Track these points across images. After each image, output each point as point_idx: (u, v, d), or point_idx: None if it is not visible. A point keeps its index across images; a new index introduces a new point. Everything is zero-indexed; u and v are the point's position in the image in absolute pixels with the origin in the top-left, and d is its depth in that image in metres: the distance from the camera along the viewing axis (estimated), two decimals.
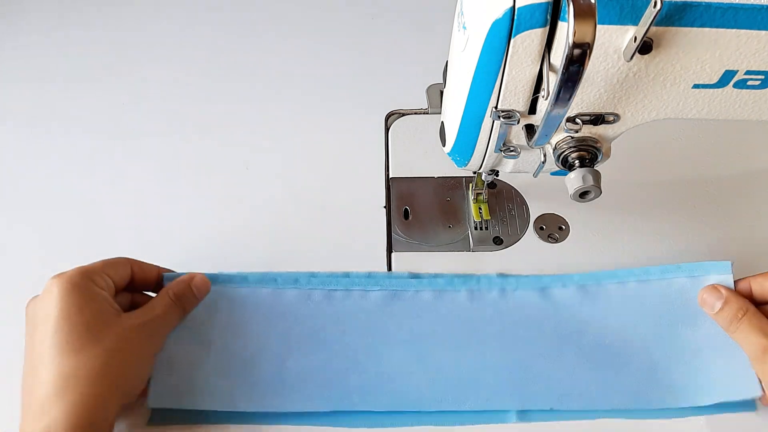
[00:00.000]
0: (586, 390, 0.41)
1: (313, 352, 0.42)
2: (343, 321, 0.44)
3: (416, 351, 0.43)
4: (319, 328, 0.43)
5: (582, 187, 0.36)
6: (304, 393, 0.41)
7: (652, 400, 0.40)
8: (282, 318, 0.44)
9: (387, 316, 0.44)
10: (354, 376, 0.42)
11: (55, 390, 0.34)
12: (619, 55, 0.31)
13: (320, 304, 0.44)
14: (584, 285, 0.45)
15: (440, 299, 0.45)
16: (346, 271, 0.46)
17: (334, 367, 0.42)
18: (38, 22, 0.66)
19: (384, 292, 0.45)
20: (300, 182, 0.53)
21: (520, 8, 0.29)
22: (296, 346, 0.43)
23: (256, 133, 0.56)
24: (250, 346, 0.42)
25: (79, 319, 0.36)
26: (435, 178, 0.53)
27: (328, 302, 0.44)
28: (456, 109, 0.37)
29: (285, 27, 0.65)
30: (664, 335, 0.42)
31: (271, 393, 0.41)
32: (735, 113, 0.34)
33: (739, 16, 0.29)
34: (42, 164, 0.54)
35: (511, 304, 0.44)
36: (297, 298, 0.45)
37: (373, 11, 0.66)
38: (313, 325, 0.43)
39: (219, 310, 0.44)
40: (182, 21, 0.66)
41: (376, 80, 0.60)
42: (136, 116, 0.58)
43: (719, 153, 0.54)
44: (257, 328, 0.43)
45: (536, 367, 0.42)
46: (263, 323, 0.43)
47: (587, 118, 0.35)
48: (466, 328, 0.44)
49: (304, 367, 0.42)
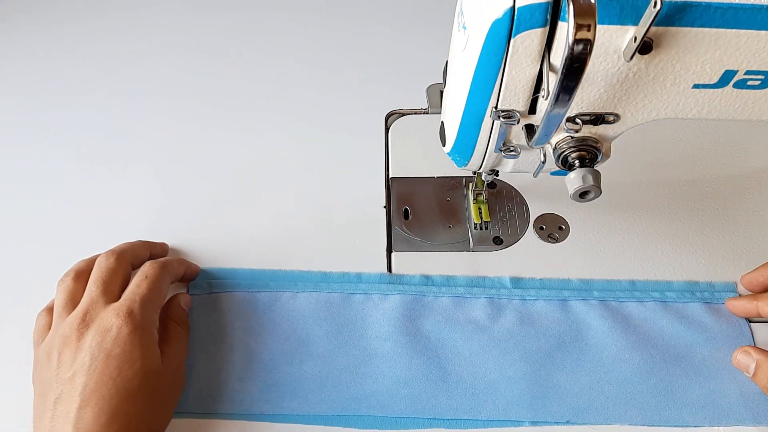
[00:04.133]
0: (603, 405, 0.41)
1: (331, 355, 0.43)
2: (362, 325, 0.44)
3: (435, 358, 0.43)
4: (336, 331, 0.44)
5: (582, 187, 0.36)
6: (321, 396, 0.41)
7: (670, 418, 0.41)
8: (301, 321, 0.44)
9: (406, 320, 0.44)
10: (370, 380, 0.42)
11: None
12: (619, 55, 0.31)
13: (339, 307, 0.45)
14: (605, 300, 0.45)
15: (460, 306, 0.45)
16: (358, 272, 0.47)
17: (352, 370, 0.42)
18: (37, 23, 0.66)
19: (404, 297, 0.45)
20: (300, 182, 0.53)
21: (520, 8, 0.29)
22: (314, 349, 0.43)
23: (256, 133, 0.56)
24: (270, 350, 0.43)
25: (151, 370, 0.38)
26: (435, 178, 0.53)
27: (348, 306, 0.45)
28: (456, 109, 0.37)
29: (285, 27, 0.65)
30: (682, 354, 0.43)
31: (289, 395, 0.41)
32: (735, 113, 0.34)
33: (739, 16, 0.29)
34: (42, 164, 0.54)
35: (532, 315, 0.45)
36: (316, 301, 0.45)
37: (373, 11, 0.66)
38: (330, 328, 0.44)
39: (240, 315, 0.44)
40: (182, 21, 0.66)
41: (376, 80, 0.60)
42: (135, 116, 0.58)
43: (719, 153, 0.54)
44: (277, 331, 0.44)
45: (554, 380, 0.42)
46: (283, 326, 0.44)
47: (587, 118, 0.35)
48: (485, 338, 0.44)
49: (322, 371, 0.42)
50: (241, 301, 0.45)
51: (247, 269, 0.47)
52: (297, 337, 0.44)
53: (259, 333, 0.44)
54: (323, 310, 0.45)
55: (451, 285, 0.46)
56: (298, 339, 0.43)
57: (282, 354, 0.43)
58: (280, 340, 0.43)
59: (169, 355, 0.40)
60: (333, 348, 0.43)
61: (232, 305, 0.45)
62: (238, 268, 0.47)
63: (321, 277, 0.47)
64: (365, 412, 0.41)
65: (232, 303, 0.45)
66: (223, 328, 0.44)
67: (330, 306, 0.45)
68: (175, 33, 0.65)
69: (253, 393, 0.41)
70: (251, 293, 0.45)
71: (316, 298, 0.45)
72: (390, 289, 0.46)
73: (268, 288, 0.46)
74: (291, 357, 0.43)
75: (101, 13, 0.67)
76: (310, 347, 0.43)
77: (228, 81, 0.60)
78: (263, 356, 0.43)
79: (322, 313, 0.45)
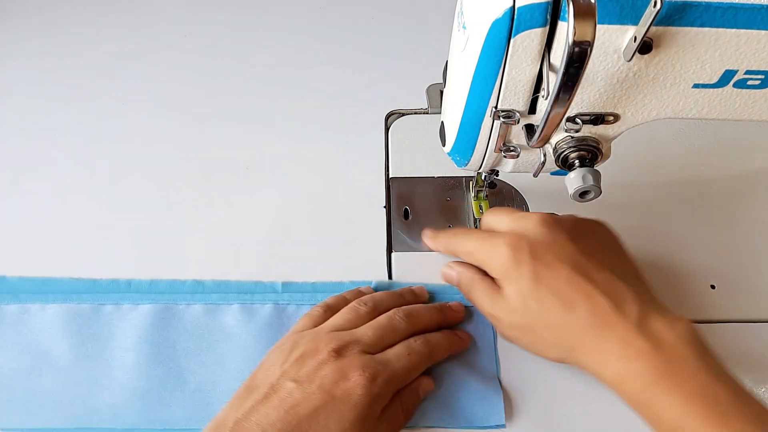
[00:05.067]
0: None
1: (72, 368, 0.42)
2: (108, 336, 0.43)
3: (176, 368, 0.42)
4: (80, 343, 0.43)
5: (582, 187, 0.36)
6: (56, 410, 0.41)
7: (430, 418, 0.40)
8: (47, 334, 0.43)
9: (153, 329, 0.43)
10: (107, 392, 0.41)
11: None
12: (619, 55, 0.31)
13: (87, 318, 0.44)
14: None
15: (211, 314, 0.45)
16: (152, 279, 0.46)
17: (90, 382, 0.42)
18: (37, 21, 0.66)
19: (154, 306, 0.45)
20: (300, 182, 0.53)
21: (520, 8, 0.29)
22: (56, 362, 0.42)
23: (255, 133, 0.56)
24: (8, 364, 0.42)
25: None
26: (435, 178, 0.53)
27: (96, 317, 0.44)
28: (456, 109, 0.37)
29: (285, 26, 0.65)
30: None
31: (22, 410, 0.41)
32: (735, 113, 0.34)
33: (739, 16, 0.29)
34: (41, 164, 0.54)
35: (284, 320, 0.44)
36: (65, 312, 0.44)
37: (373, 11, 0.66)
38: (74, 341, 0.43)
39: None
40: (182, 21, 0.66)
41: (376, 80, 0.60)
42: (135, 116, 0.58)
43: (719, 153, 0.54)
44: (19, 345, 0.43)
45: None
46: (28, 339, 0.43)
47: (587, 118, 0.35)
48: (231, 345, 0.43)
49: (59, 384, 0.42)
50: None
51: (16, 277, 0.46)
52: (39, 350, 0.43)
53: (1, 347, 0.43)
54: (72, 322, 0.44)
55: (203, 292, 0.46)
56: (40, 352, 0.43)
57: (21, 369, 0.42)
58: (22, 354, 0.42)
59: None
60: (75, 360, 0.42)
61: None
62: (8, 276, 0.46)
63: (75, 286, 0.45)
64: (97, 424, 0.40)
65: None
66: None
67: (78, 318, 0.44)
68: (175, 33, 0.65)
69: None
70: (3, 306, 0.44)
71: (66, 309, 0.44)
72: (141, 298, 0.45)
73: (18, 300, 0.45)
74: (30, 371, 0.42)
75: (101, 13, 0.67)
76: (51, 360, 0.42)
77: (228, 81, 0.60)
78: (2, 370, 0.42)
79: (71, 325, 0.44)
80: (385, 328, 0.40)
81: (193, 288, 0.46)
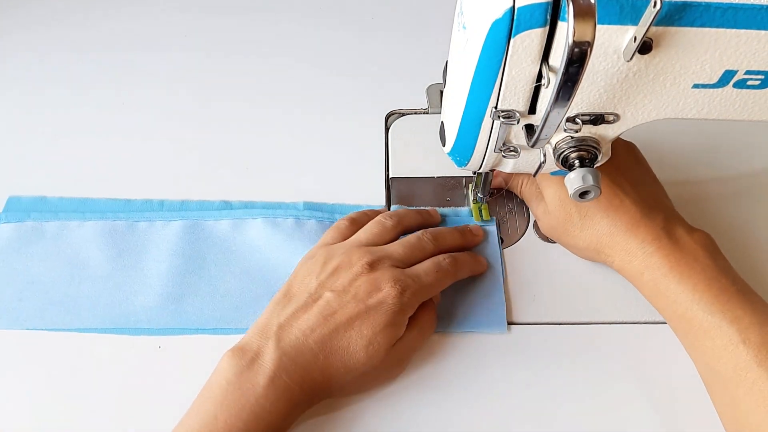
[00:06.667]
0: None
1: (109, 276, 0.46)
2: (142, 250, 0.47)
3: (206, 277, 0.46)
4: (117, 255, 0.47)
5: (582, 187, 0.36)
6: (94, 312, 0.44)
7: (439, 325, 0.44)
8: (84, 247, 0.47)
9: (185, 243, 0.47)
10: (141, 297, 0.45)
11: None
12: (619, 55, 0.31)
13: (123, 234, 0.48)
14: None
15: (238, 228, 0.48)
16: (161, 200, 0.51)
17: (125, 289, 0.46)
18: (36, 21, 0.66)
19: (184, 222, 0.49)
20: (300, 182, 0.53)
21: (519, 8, 0.29)
22: (93, 272, 0.46)
23: (255, 133, 0.56)
24: (51, 273, 0.46)
25: (369, 363, 0.39)
26: (435, 178, 0.53)
27: (131, 232, 0.48)
28: (456, 109, 0.37)
29: (285, 27, 0.65)
30: None
31: (63, 313, 0.44)
32: (735, 113, 0.34)
33: (739, 16, 0.29)
34: (41, 164, 0.54)
35: (308, 233, 0.48)
36: (102, 228, 0.48)
37: (373, 11, 0.66)
38: (111, 253, 0.47)
39: (29, 242, 0.48)
40: (182, 21, 0.66)
41: (376, 80, 0.60)
42: (135, 116, 0.58)
43: (719, 153, 0.54)
44: (60, 257, 0.47)
45: None
46: (67, 252, 0.47)
47: (587, 118, 0.35)
48: (257, 256, 0.47)
49: (97, 290, 0.45)
50: (31, 231, 0.48)
51: (56, 198, 0.51)
52: (78, 261, 0.47)
53: (43, 259, 0.47)
54: (108, 237, 0.48)
55: (230, 208, 0.50)
56: (79, 263, 0.47)
57: (61, 278, 0.46)
58: (62, 265, 0.46)
59: (399, 348, 0.40)
60: (111, 270, 0.46)
61: (24, 234, 0.48)
62: (49, 197, 0.51)
63: (111, 206, 0.50)
64: (134, 325, 0.44)
65: (22, 232, 0.48)
66: (9, 255, 0.47)
67: (114, 233, 0.48)
68: (175, 33, 0.65)
69: (29, 311, 0.44)
70: (43, 224, 0.48)
71: (102, 226, 0.48)
72: (173, 215, 0.49)
73: (57, 218, 0.49)
74: (70, 280, 0.46)
75: (101, 12, 0.67)
76: (89, 270, 0.46)
77: (228, 81, 0.60)
78: (43, 279, 0.46)
79: (107, 239, 0.48)
80: (414, 247, 0.43)
81: (221, 206, 0.50)
